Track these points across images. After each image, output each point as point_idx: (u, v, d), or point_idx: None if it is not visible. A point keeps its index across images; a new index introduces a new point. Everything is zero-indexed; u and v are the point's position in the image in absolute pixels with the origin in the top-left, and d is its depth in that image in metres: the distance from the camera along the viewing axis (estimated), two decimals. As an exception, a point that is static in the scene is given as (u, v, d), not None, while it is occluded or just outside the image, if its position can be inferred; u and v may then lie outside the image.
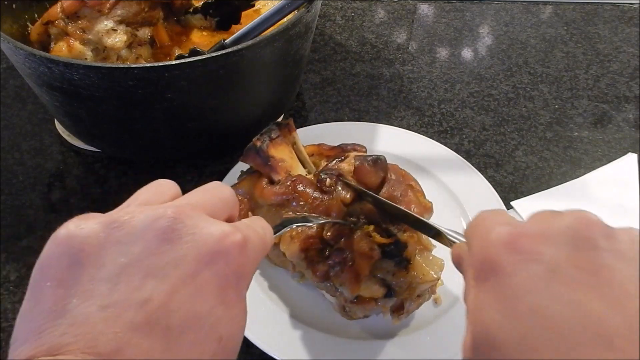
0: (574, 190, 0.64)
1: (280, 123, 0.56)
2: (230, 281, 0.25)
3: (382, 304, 0.46)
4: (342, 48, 0.88)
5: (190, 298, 0.24)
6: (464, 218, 0.59)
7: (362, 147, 0.56)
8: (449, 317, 0.50)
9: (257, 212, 0.52)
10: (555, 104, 0.77)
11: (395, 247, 0.45)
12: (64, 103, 0.56)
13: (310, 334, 0.49)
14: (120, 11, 0.62)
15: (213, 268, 0.25)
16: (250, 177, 0.54)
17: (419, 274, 0.45)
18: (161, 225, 0.25)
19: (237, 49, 0.52)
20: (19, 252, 0.58)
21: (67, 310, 0.22)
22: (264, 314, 0.50)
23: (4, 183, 0.66)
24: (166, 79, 0.51)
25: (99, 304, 0.22)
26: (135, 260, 0.24)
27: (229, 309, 0.25)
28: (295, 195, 0.48)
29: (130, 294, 0.23)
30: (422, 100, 0.78)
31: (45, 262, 0.25)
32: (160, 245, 0.24)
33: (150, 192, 0.29)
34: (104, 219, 0.26)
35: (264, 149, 0.53)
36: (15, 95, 0.77)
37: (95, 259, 0.24)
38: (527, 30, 0.91)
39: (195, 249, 0.24)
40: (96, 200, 0.64)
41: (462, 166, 0.63)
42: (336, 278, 0.46)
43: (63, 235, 0.25)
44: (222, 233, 0.25)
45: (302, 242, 0.46)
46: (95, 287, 0.23)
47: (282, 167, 0.52)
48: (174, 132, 0.60)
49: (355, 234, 0.45)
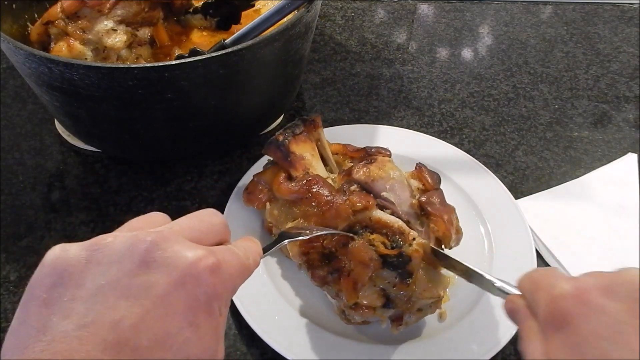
0: (574, 190, 0.64)
1: (305, 119, 0.56)
2: (201, 303, 0.26)
3: (381, 313, 0.46)
4: (342, 48, 0.88)
5: (160, 319, 0.25)
6: (479, 218, 0.59)
7: (386, 151, 0.56)
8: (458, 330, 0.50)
9: (274, 203, 0.53)
10: (555, 104, 0.77)
11: (398, 260, 0.44)
12: (64, 103, 0.56)
13: (319, 334, 0.49)
14: (120, 11, 0.62)
15: (183, 290, 0.26)
16: (273, 169, 0.55)
17: (420, 289, 0.45)
18: (139, 249, 0.26)
19: (237, 49, 0.52)
20: (19, 252, 0.58)
21: (48, 328, 0.24)
22: (273, 310, 0.51)
23: (4, 183, 0.66)
24: (166, 79, 0.51)
25: (76, 323, 0.24)
26: (112, 282, 0.25)
27: (198, 330, 0.26)
28: (308, 196, 0.48)
29: (105, 314, 0.24)
30: (422, 100, 0.78)
31: (33, 282, 0.26)
32: (136, 268, 0.26)
33: (141, 221, 0.30)
34: (88, 242, 0.27)
35: (285, 144, 0.53)
36: (15, 95, 0.77)
37: (77, 279, 0.25)
38: (527, 30, 0.91)
39: (168, 272, 0.26)
40: (96, 200, 0.64)
41: (473, 166, 0.64)
42: (334, 284, 0.46)
43: (50, 258, 0.26)
44: (195, 257, 0.27)
45: (302, 246, 0.46)
46: (74, 306, 0.25)
47: (302, 164, 0.53)
48: (174, 132, 0.60)
49: (357, 243, 0.45)
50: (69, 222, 0.61)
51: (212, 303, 0.27)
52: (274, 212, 0.53)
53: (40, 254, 0.27)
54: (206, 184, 0.66)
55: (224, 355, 0.29)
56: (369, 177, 0.51)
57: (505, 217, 0.58)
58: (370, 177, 0.51)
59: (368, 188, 0.51)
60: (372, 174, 0.51)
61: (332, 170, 0.57)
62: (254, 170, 0.60)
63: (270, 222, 0.54)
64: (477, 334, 0.49)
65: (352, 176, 0.51)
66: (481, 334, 0.49)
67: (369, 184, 0.50)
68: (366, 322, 0.49)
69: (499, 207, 0.59)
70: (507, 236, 0.57)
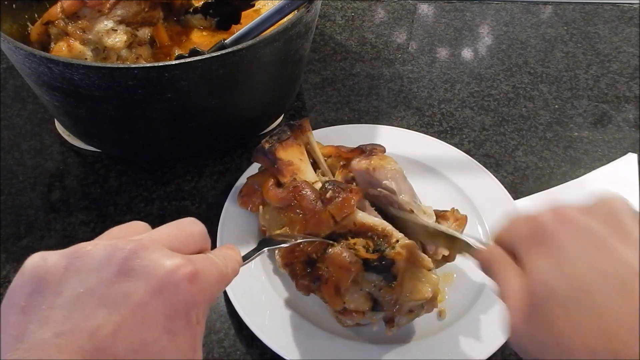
0: (574, 190, 0.64)
1: (292, 124, 0.56)
2: (179, 311, 0.27)
3: (370, 316, 0.46)
4: (342, 48, 0.88)
5: (137, 327, 0.25)
6: (476, 217, 0.59)
7: (381, 147, 0.56)
8: (458, 328, 0.50)
9: (266, 207, 0.53)
10: (555, 104, 0.77)
11: (381, 263, 0.44)
12: (64, 103, 0.56)
13: (316, 333, 0.49)
14: (120, 11, 0.62)
15: (161, 298, 0.26)
16: (265, 172, 0.55)
17: (407, 291, 0.45)
18: (118, 257, 0.26)
19: (237, 49, 0.52)
20: (19, 252, 0.58)
21: (26, 336, 0.24)
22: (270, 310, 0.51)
23: (4, 183, 0.66)
24: (166, 79, 0.51)
25: (54, 331, 0.24)
26: (90, 290, 0.25)
27: (175, 338, 0.26)
28: (294, 203, 0.48)
29: (83, 322, 0.24)
30: (422, 100, 0.78)
31: (11, 290, 0.26)
32: (114, 277, 0.26)
33: (122, 229, 0.31)
34: (68, 250, 0.27)
35: (272, 151, 0.53)
36: (15, 95, 0.77)
37: (55, 287, 0.26)
38: (527, 30, 0.91)
39: (146, 280, 0.26)
40: (96, 200, 0.64)
41: (471, 166, 0.64)
42: (318, 292, 0.46)
43: (29, 265, 0.27)
44: (173, 265, 0.27)
45: (285, 257, 0.46)
46: (52, 314, 0.25)
47: (290, 170, 0.52)
48: (174, 132, 0.60)
49: (336, 248, 0.45)
50: (69, 222, 0.61)
51: (190, 311, 0.27)
52: (266, 217, 0.53)
53: (40, 254, 0.27)
54: (206, 184, 0.66)
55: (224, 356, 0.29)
56: (371, 165, 0.51)
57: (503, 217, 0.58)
58: (371, 166, 0.51)
59: (369, 177, 0.51)
60: (374, 164, 0.52)
61: (324, 173, 0.56)
62: (251, 172, 0.60)
63: (264, 225, 0.54)
64: (477, 331, 0.49)
65: (353, 167, 0.51)
66: (481, 331, 0.49)
67: (371, 173, 0.51)
68: (360, 324, 0.48)
69: (497, 207, 0.59)
70: None
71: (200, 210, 0.62)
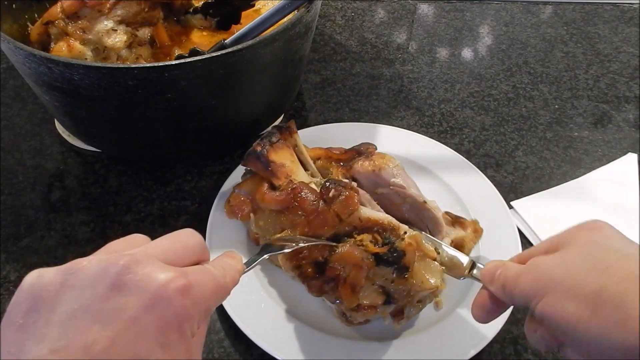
0: (574, 190, 0.64)
1: (280, 126, 0.56)
2: (172, 325, 0.27)
3: (382, 310, 0.46)
4: (342, 48, 0.88)
5: (131, 342, 0.25)
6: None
7: (372, 146, 0.56)
8: (452, 320, 0.50)
9: (259, 213, 0.52)
10: (555, 104, 0.77)
11: (392, 255, 0.45)
12: (64, 103, 0.56)
13: (311, 334, 0.49)
14: (120, 11, 0.62)
15: (154, 312, 0.26)
16: (253, 179, 0.54)
17: (418, 282, 0.45)
18: (111, 272, 0.27)
19: (237, 49, 0.52)
20: (19, 252, 0.58)
21: (23, 353, 0.25)
22: (265, 312, 0.51)
23: (4, 183, 0.66)
24: (166, 79, 0.51)
25: (50, 347, 0.25)
26: (85, 306, 0.26)
27: (169, 351, 0.26)
28: (294, 205, 0.48)
29: (77, 338, 0.25)
30: (422, 100, 0.78)
31: (10, 308, 0.27)
32: (108, 292, 0.26)
33: (120, 243, 0.31)
34: (64, 266, 0.28)
35: (264, 154, 0.53)
36: (15, 95, 0.77)
37: (51, 304, 0.26)
38: (527, 30, 0.91)
39: (138, 295, 0.26)
40: (96, 200, 0.64)
41: (464, 166, 0.63)
42: (332, 292, 0.46)
43: (27, 283, 0.27)
44: (166, 278, 0.27)
45: (293, 259, 0.46)
46: (48, 330, 0.25)
47: (283, 172, 0.52)
48: (174, 132, 0.60)
49: (345, 246, 0.45)
50: (69, 222, 0.61)
51: (183, 324, 0.27)
52: (260, 223, 0.52)
53: (40, 254, 0.27)
54: (206, 184, 0.66)
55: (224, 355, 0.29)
56: (375, 166, 0.52)
57: (495, 219, 0.58)
58: (376, 166, 0.52)
59: (374, 178, 0.52)
60: (377, 164, 0.52)
61: (314, 174, 0.56)
62: (232, 181, 0.59)
63: (257, 233, 0.53)
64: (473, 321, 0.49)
65: (357, 170, 0.52)
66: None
67: (376, 173, 0.52)
68: (367, 321, 0.48)
69: (488, 208, 0.59)
70: (495, 238, 0.56)
71: (200, 210, 0.62)
